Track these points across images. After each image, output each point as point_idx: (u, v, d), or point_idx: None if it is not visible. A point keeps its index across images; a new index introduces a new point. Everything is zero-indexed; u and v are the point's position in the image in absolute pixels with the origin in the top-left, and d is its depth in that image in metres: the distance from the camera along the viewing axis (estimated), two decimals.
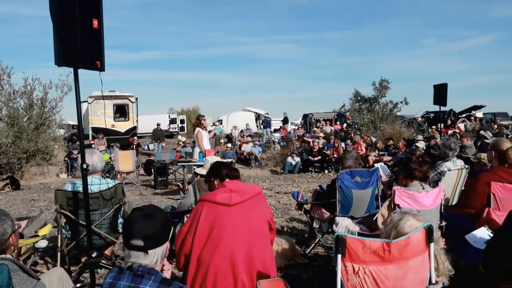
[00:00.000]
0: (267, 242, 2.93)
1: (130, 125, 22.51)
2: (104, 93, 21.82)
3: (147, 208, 2.11)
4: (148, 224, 2.01)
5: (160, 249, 2.05)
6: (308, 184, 11.91)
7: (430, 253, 2.40)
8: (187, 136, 28.47)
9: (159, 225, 2.04)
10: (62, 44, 3.79)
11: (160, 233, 2.05)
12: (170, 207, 5.43)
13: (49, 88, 15.34)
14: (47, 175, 15.33)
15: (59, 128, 17.14)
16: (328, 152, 16.61)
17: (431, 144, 14.22)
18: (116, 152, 14.32)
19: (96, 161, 4.25)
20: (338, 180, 4.84)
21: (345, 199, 4.85)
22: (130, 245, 2.01)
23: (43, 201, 10.11)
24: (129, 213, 2.22)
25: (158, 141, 22.09)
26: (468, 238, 3.27)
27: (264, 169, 18.04)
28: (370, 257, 2.25)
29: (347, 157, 5.03)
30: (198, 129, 9.60)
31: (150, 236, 2.01)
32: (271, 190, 10.77)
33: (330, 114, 31.15)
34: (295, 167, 16.17)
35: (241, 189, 2.97)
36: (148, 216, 2.04)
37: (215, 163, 3.44)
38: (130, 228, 2.03)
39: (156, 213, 2.07)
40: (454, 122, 23.82)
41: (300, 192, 5.61)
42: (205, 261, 2.78)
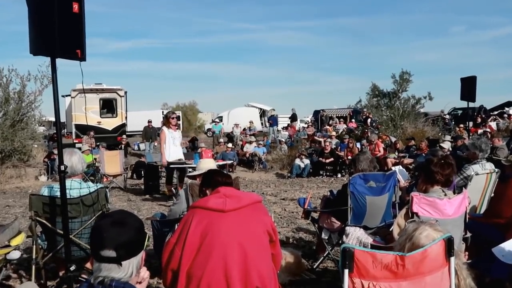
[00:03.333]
0: (266, 255, 2.93)
1: (118, 122, 22.57)
2: (89, 86, 21.87)
3: (117, 213, 2.09)
4: (120, 232, 1.99)
5: (135, 259, 2.02)
6: (318, 189, 11.90)
7: (450, 268, 2.38)
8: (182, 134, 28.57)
9: (133, 232, 2.02)
10: (38, 31, 3.80)
11: (134, 241, 2.02)
12: (159, 215, 5.44)
13: (27, 80, 15.38)
14: (24, 178, 15.38)
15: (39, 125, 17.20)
16: (342, 153, 16.57)
17: (458, 144, 14.16)
18: (102, 152, 14.35)
19: (76, 162, 4.25)
20: (350, 185, 4.82)
21: (357, 207, 4.84)
22: (100, 256, 1.99)
23: (19, 207, 10.15)
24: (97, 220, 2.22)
25: (149, 141, 22.15)
26: (495, 251, 3.24)
27: (268, 173, 18.03)
28: (382, 272, 2.24)
29: (360, 158, 5.02)
30: (163, 129, 9.91)
31: (123, 245, 1.98)
32: (276, 196, 10.77)
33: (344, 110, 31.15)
34: (304, 170, 16.15)
35: (237, 195, 2.98)
36: (120, 223, 2.02)
37: (207, 172, 3.46)
38: (99, 237, 2.00)
39: (128, 219, 2.05)
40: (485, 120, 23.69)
41: (307, 199, 5.60)
42: (196, 275, 2.77)
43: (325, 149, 16.59)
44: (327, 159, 16.13)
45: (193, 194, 4.81)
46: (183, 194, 4.92)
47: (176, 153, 9.88)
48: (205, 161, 5.47)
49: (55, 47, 3.74)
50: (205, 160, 5.61)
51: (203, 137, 33.28)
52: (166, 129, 9.87)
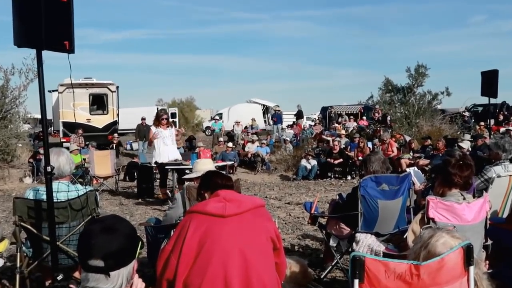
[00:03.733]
0: (269, 263, 2.94)
1: (109, 120, 22.61)
2: (78, 81, 21.91)
3: (108, 219, 2.09)
4: (110, 239, 1.98)
5: (125, 269, 2.02)
6: (325, 192, 11.91)
7: (469, 279, 2.39)
8: None
9: (123, 240, 2.01)
10: (22, 21, 3.82)
11: (124, 250, 2.02)
12: (154, 220, 5.46)
13: (11, 74, 15.45)
14: (8, 180, 15.43)
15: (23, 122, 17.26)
16: (352, 153, 16.57)
17: (478, 144, 14.13)
18: (91, 152, 14.38)
19: (64, 163, 4.26)
20: (361, 188, 4.83)
21: (368, 212, 4.84)
22: (87, 266, 1.98)
23: (2, 211, 10.19)
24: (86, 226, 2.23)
25: (143, 140, 22.15)
26: None
27: (272, 174, 18.04)
28: (395, 283, 2.25)
29: (371, 159, 5.02)
30: (151, 128, 10.25)
31: (112, 254, 1.97)
32: (280, 200, 10.79)
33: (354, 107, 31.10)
34: (311, 172, 16.16)
35: (238, 198, 2.99)
36: (109, 229, 2.01)
37: (206, 174, 3.47)
38: (87, 245, 1.99)
39: (119, 225, 2.05)
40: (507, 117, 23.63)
41: (313, 203, 5.61)
42: (193, 285, 2.78)
43: (334, 149, 16.59)
44: (336, 160, 16.13)
45: (190, 197, 4.83)
46: (179, 197, 4.93)
47: (168, 153, 9.95)
48: (203, 162, 5.48)
49: (41, 39, 3.75)
50: (203, 161, 5.62)
51: (201, 135, 33.33)
52: (153, 127, 10.05)
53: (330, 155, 16.44)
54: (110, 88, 22.71)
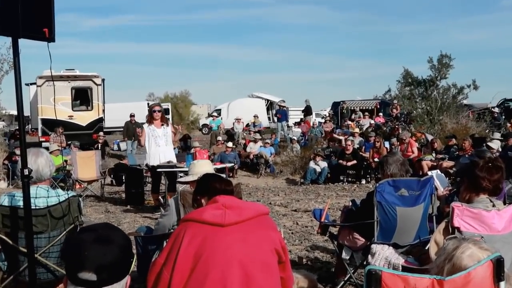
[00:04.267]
0: (273, 278, 2.93)
1: (94, 117, 22.66)
2: (59, 73, 21.95)
3: (101, 228, 2.09)
4: (104, 251, 1.99)
5: (118, 285, 2.02)
6: (337, 198, 11.91)
7: None
8: None
9: (119, 252, 2.02)
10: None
11: (119, 263, 2.02)
12: (144, 229, 5.46)
13: None
14: None
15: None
16: (367, 154, 16.57)
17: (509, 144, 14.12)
18: (74, 153, 14.43)
19: (43, 165, 4.26)
20: (377, 193, 4.83)
21: (386, 220, 4.84)
22: (77, 279, 1.98)
23: None
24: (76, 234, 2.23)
25: (132, 139, 22.21)
26: None
27: (277, 178, 18.05)
28: None
29: (389, 161, 5.02)
30: (143, 126, 10.06)
31: (107, 267, 1.97)
32: (286, 207, 10.80)
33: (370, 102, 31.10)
34: (321, 175, 16.17)
35: (238, 205, 2.98)
36: (104, 240, 2.02)
37: (203, 177, 3.47)
38: (78, 256, 1.98)
39: (114, 236, 2.05)
40: None
41: (324, 210, 5.61)
42: None
43: (346, 149, 16.59)
44: (349, 162, 16.13)
45: (185, 204, 4.84)
46: (173, 204, 4.94)
47: (160, 154, 9.84)
48: (199, 164, 5.48)
49: (18, 25, 3.75)
50: (200, 163, 5.62)
51: (197, 134, 33.35)
52: (146, 125, 9.91)
53: (342, 156, 16.44)
54: (95, 81, 22.76)
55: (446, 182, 6.92)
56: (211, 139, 23.94)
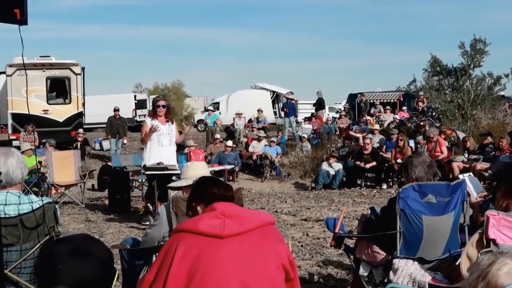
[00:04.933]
0: None
1: (72, 111, 22.67)
2: (32, 60, 21.98)
3: (78, 239, 2.10)
4: (81, 264, 2.00)
5: None
6: (354, 206, 11.91)
7: None
8: None
9: (98, 267, 2.03)
10: None
11: (98, 279, 2.03)
12: (130, 242, 5.47)
13: None
14: None
15: None
16: (388, 155, 16.56)
17: None
18: (49, 153, 14.45)
19: (14, 167, 4.27)
20: (400, 200, 4.82)
21: (410, 231, 4.84)
22: None
23: None
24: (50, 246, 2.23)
25: (116, 137, 22.26)
26: None
27: (285, 182, 18.05)
28: None
29: (414, 163, 5.01)
30: (145, 120, 10.01)
31: (83, 283, 1.99)
32: (295, 216, 10.81)
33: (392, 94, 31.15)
34: (335, 178, 16.17)
35: (239, 214, 2.98)
36: (81, 253, 2.03)
37: (199, 181, 3.47)
38: (51, 270, 2.00)
39: (92, 248, 2.06)
40: None
41: (338, 219, 5.61)
42: None
43: (365, 149, 16.57)
44: (368, 163, 16.11)
45: (177, 212, 4.84)
46: (163, 212, 4.95)
47: (162, 156, 9.72)
48: (194, 166, 5.49)
49: None
50: (195, 165, 5.63)
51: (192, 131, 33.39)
52: (149, 119, 9.80)
53: (360, 157, 16.43)
54: (74, 69, 22.76)
55: (480, 187, 6.90)
56: (207, 137, 23.96)
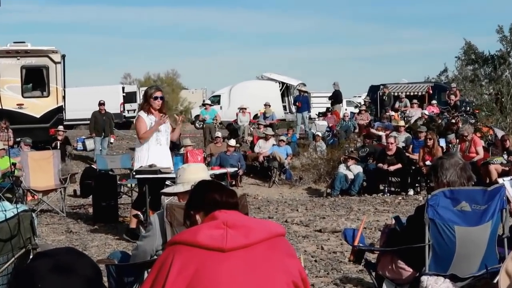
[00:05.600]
0: None
1: (51, 105, 22.65)
2: (5, 47, 22.01)
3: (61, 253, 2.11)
4: (64, 283, 2.01)
5: None
6: (375, 215, 11.90)
7: None
8: None
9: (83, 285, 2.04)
10: None
11: None
12: (118, 256, 5.48)
13: None
14: None
15: None
16: (416, 156, 16.54)
17: None
18: (25, 154, 14.47)
19: None
20: (429, 208, 4.82)
21: (441, 244, 4.83)
22: None
23: None
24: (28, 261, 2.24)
25: (101, 135, 22.27)
26: None
27: (296, 187, 18.05)
28: None
29: (445, 165, 5.01)
30: (140, 115, 9.73)
31: None
32: (307, 226, 10.80)
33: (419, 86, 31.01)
34: (354, 183, 16.15)
35: (244, 224, 2.99)
36: (64, 269, 2.03)
37: (198, 186, 3.47)
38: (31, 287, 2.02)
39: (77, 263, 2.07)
40: None
41: (358, 230, 5.61)
42: None
43: (388, 149, 16.54)
44: (392, 166, 16.09)
45: (172, 221, 4.85)
46: (156, 222, 4.95)
47: (162, 157, 9.66)
48: (192, 169, 5.49)
49: None
50: (193, 167, 5.62)
51: (188, 128, 33.37)
52: (144, 114, 9.59)
53: (383, 158, 16.40)
54: (53, 57, 22.74)
55: None
56: (206, 135, 23.92)
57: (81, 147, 24.49)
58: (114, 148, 24.58)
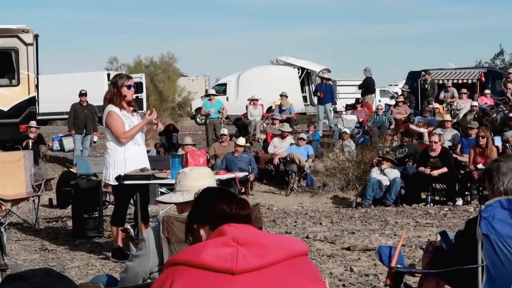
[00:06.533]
0: None
1: (21, 96, 22.74)
2: None
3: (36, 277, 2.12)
4: None
5: None
6: (416, 230, 11.88)
7: None
8: None
9: None
10: None
11: None
12: (105, 279, 5.51)
13: None
14: None
15: None
16: (465, 157, 16.51)
17: None
18: None
19: None
20: (482, 221, 4.82)
21: (497, 265, 4.83)
22: None
23: None
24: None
25: (83, 132, 22.32)
26: None
27: (319, 196, 18.05)
28: None
29: (501, 169, 5.01)
30: (111, 110, 9.67)
31: None
32: (333, 244, 10.79)
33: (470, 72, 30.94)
34: (390, 191, 16.14)
35: (258, 241, 3.00)
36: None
37: (202, 194, 3.48)
38: None
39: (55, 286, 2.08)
40: None
41: (396, 249, 5.62)
42: None
43: (432, 149, 16.52)
44: (436, 170, 16.07)
45: (170, 237, 4.86)
46: (150, 237, 4.97)
47: (141, 160, 9.70)
48: (195, 174, 5.46)
49: None
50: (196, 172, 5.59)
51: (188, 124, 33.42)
52: (117, 109, 9.64)
53: (425, 160, 16.39)
54: (23, 38, 22.82)
55: None
56: (208, 133, 23.87)
57: (58, 147, 24.56)
58: (97, 148, 24.58)
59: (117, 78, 9.94)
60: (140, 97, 34.56)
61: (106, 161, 9.92)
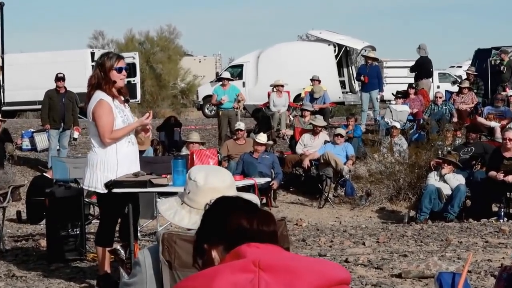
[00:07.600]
0: None
1: None
2: None
3: None
4: None
5: None
6: (486, 252, 11.87)
7: None
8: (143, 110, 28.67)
9: None
10: None
11: None
12: None
13: None
14: None
15: None
16: None
17: None
18: None
19: None
20: None
21: None
22: None
23: None
24: None
25: (60, 127, 22.38)
26: None
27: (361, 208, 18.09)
28: None
29: None
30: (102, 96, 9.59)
31: None
32: (380, 269, 10.81)
33: None
34: (452, 202, 16.14)
35: (285, 265, 3.00)
36: None
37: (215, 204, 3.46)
38: None
39: None
40: None
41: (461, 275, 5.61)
42: None
43: (505, 149, 16.53)
44: (510, 175, 16.05)
45: (172, 261, 4.87)
46: (147, 261, 4.97)
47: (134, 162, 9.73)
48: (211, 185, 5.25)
49: None
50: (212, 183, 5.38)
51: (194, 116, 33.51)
52: (109, 98, 9.60)
53: (497, 163, 16.40)
54: None
55: None
56: (219, 128, 23.91)
57: (29, 146, 24.61)
58: (78, 146, 24.65)
59: (104, 59, 9.83)
60: (132, 82, 34.62)
61: (91, 163, 9.79)
